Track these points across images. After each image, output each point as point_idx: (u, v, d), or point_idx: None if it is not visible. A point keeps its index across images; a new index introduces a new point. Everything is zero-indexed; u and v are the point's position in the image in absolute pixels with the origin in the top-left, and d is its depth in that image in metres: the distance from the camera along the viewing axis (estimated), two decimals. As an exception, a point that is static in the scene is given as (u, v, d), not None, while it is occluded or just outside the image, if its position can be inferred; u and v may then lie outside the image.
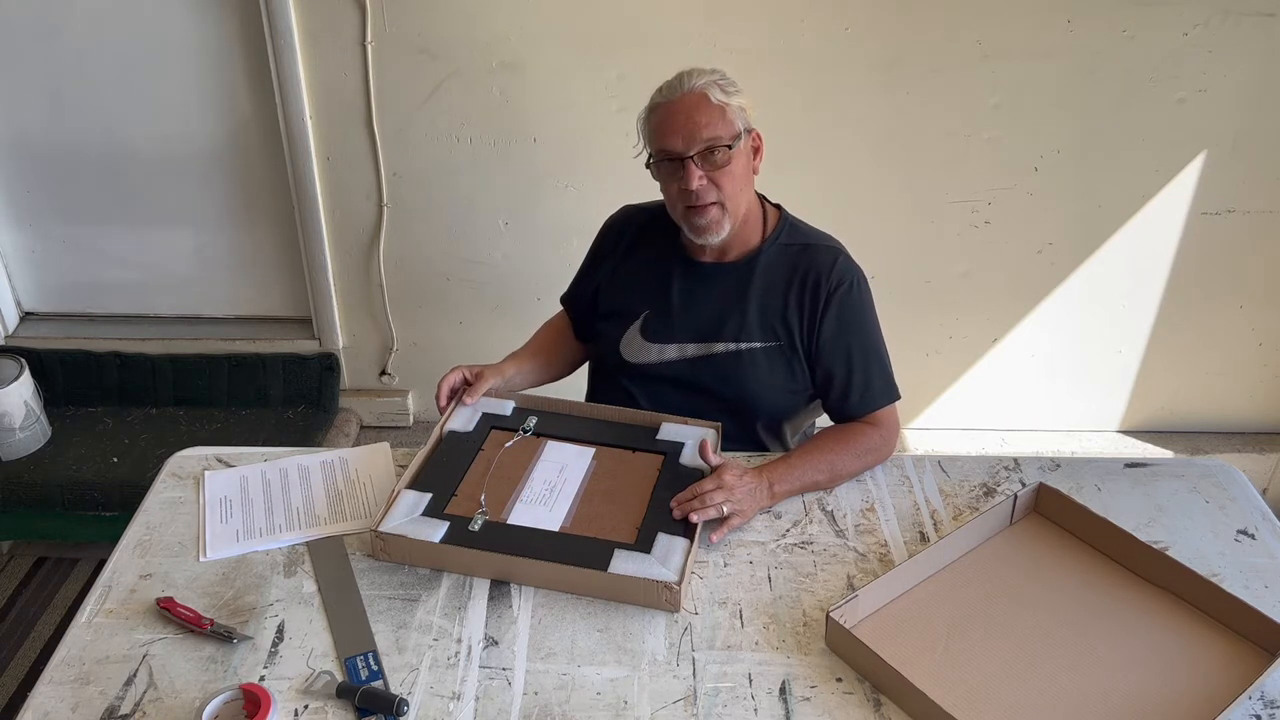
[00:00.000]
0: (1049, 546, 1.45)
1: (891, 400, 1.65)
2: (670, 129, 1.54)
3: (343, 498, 1.56)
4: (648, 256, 1.72)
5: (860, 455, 1.59)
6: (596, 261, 1.80)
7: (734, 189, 1.56)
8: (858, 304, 1.64)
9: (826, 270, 1.62)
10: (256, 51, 2.51)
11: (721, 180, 1.55)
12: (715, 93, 1.53)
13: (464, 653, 1.30)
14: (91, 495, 2.42)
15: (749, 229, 1.65)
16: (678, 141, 1.54)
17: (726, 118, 1.54)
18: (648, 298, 1.70)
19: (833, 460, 1.56)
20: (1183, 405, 2.91)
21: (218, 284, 2.87)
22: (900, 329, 2.75)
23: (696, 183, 1.53)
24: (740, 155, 1.56)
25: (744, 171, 1.58)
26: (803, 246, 1.66)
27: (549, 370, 1.83)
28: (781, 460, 1.54)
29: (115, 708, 1.22)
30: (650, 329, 1.69)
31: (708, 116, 1.53)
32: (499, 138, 2.56)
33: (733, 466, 1.48)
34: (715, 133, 1.53)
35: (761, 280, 1.64)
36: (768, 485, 1.50)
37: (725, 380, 1.66)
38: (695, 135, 1.53)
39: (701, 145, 1.53)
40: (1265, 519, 1.52)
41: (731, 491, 1.45)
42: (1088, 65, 2.41)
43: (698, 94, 1.53)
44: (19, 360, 2.54)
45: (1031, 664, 1.26)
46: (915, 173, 2.56)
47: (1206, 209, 2.58)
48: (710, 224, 1.58)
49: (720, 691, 1.24)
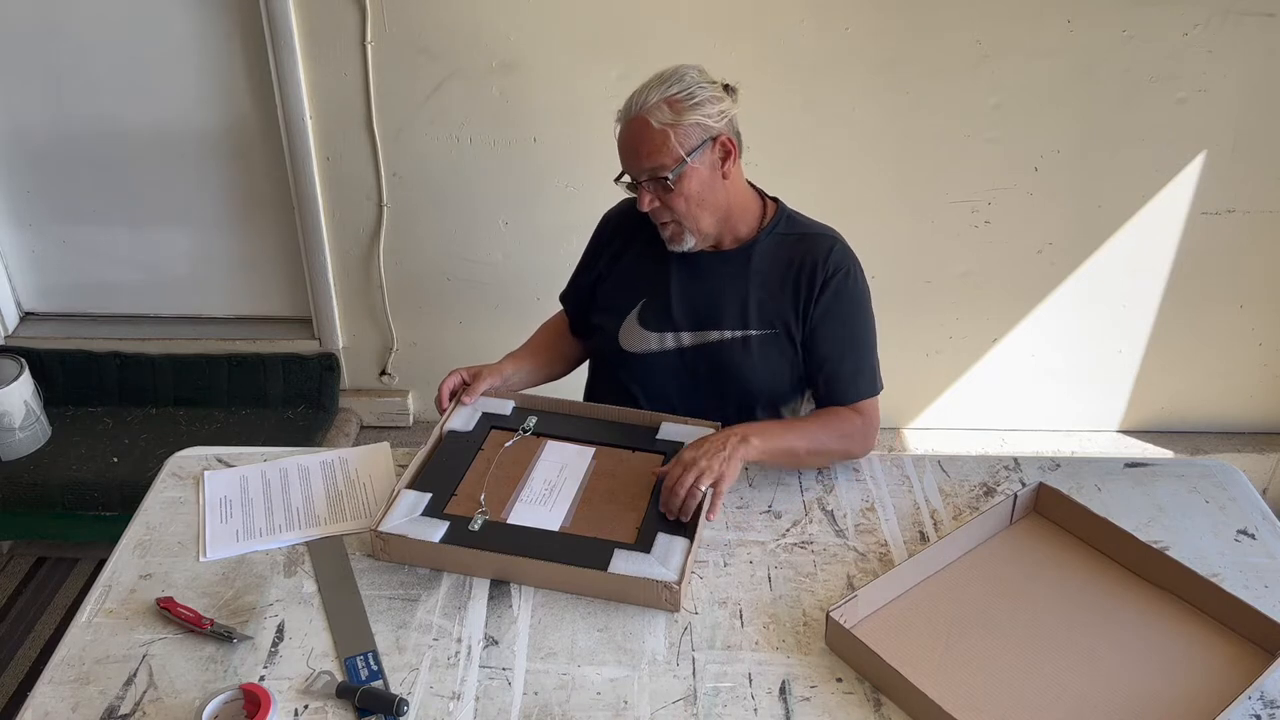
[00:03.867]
0: (1049, 546, 1.45)
1: (875, 392, 1.64)
2: (621, 151, 1.57)
3: (343, 498, 1.56)
4: (645, 247, 1.72)
5: (841, 438, 1.58)
6: (594, 255, 1.81)
7: (686, 208, 1.56)
8: (852, 292, 1.63)
9: (823, 258, 1.62)
10: (256, 51, 2.51)
11: (672, 202, 1.56)
12: (661, 115, 1.50)
13: (464, 653, 1.30)
14: (91, 495, 2.42)
15: (739, 223, 1.65)
16: (626, 165, 1.57)
17: (669, 145, 1.51)
18: (645, 287, 1.71)
19: (815, 432, 1.56)
20: (1183, 405, 2.91)
21: (218, 284, 2.87)
22: (900, 329, 2.77)
23: (647, 205, 1.57)
24: (693, 174, 1.54)
25: (701, 187, 1.56)
26: (800, 236, 1.66)
27: (548, 369, 1.83)
28: (762, 421, 1.55)
29: (115, 708, 1.22)
30: (648, 318, 1.69)
31: (649, 146, 1.52)
32: (499, 138, 2.56)
33: (690, 446, 1.48)
34: (657, 162, 1.52)
35: (758, 268, 1.65)
36: (739, 436, 1.48)
37: (723, 368, 1.66)
38: (639, 164, 1.54)
39: (645, 174, 1.55)
40: (1265, 519, 1.52)
41: (697, 464, 1.43)
42: (1088, 65, 2.41)
43: (641, 120, 1.52)
44: (19, 360, 2.54)
45: (1032, 664, 1.26)
46: (915, 173, 2.56)
47: (1206, 209, 2.58)
48: (672, 237, 1.62)
49: (720, 691, 1.24)
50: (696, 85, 1.53)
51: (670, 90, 1.52)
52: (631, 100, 1.54)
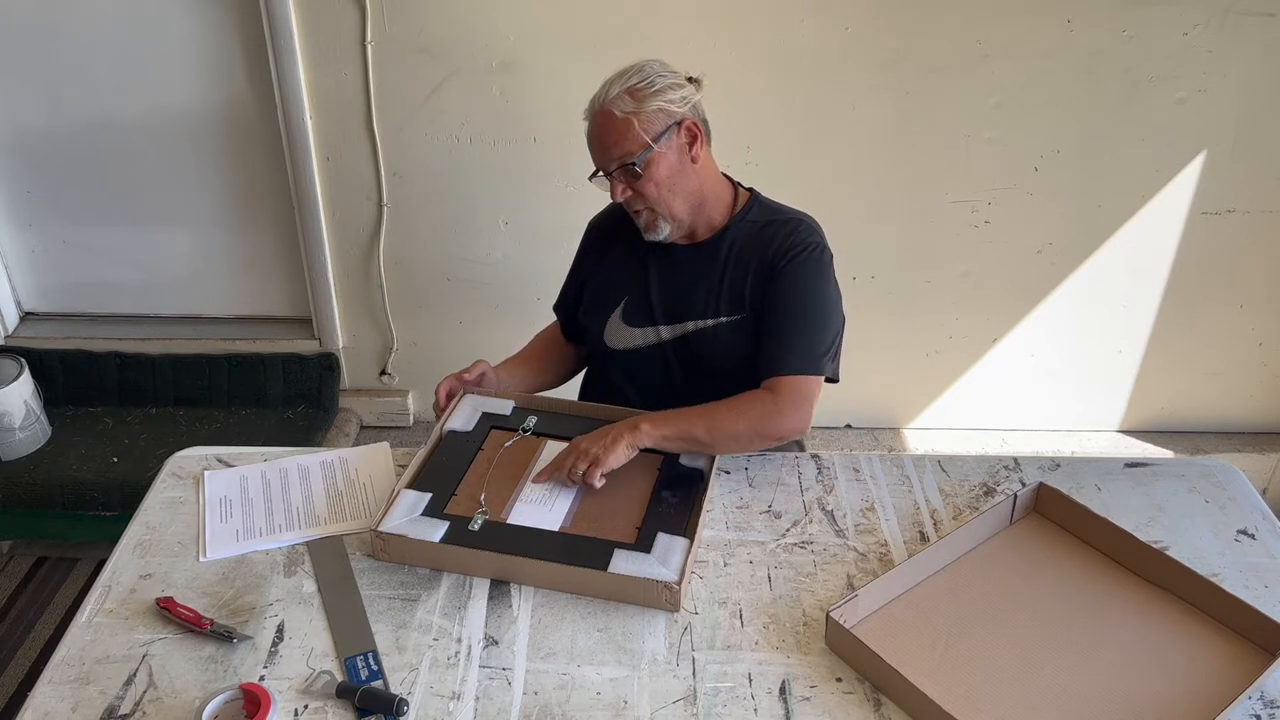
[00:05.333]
0: (1049, 546, 1.45)
1: (805, 372, 1.55)
2: (590, 147, 1.62)
3: (343, 498, 1.56)
4: (626, 246, 1.74)
5: (745, 416, 1.53)
6: (580, 261, 1.85)
7: (657, 193, 1.59)
8: (810, 269, 1.61)
9: (787, 236, 1.62)
10: (256, 51, 2.51)
11: (642, 189, 1.58)
12: (623, 104, 1.54)
13: (464, 652, 1.30)
14: (91, 495, 2.42)
15: (711, 211, 1.66)
16: (596, 159, 1.61)
17: (633, 131, 1.54)
18: (627, 285, 1.73)
19: (717, 415, 1.53)
20: (1183, 405, 2.91)
21: (218, 284, 2.87)
22: (900, 329, 2.77)
23: (619, 195, 1.60)
24: (660, 159, 1.56)
25: (670, 172, 1.58)
26: (769, 221, 1.66)
27: (540, 377, 1.84)
28: (667, 410, 1.56)
29: (115, 708, 1.23)
30: (630, 314, 1.71)
31: (615, 135, 1.55)
32: (499, 138, 2.56)
33: (588, 433, 1.54)
34: (624, 150, 1.55)
35: (729, 256, 1.65)
36: (631, 424, 1.52)
37: (699, 357, 1.67)
38: (607, 154, 1.58)
39: (614, 164, 1.57)
40: (1265, 519, 1.52)
41: (578, 448, 1.51)
42: (1088, 65, 2.41)
43: (605, 112, 1.56)
44: (19, 360, 2.54)
45: (1031, 664, 1.26)
46: (915, 172, 2.56)
47: (1206, 209, 2.58)
48: (647, 225, 1.64)
49: (720, 691, 1.24)
50: (656, 75, 1.57)
51: (630, 81, 1.56)
52: (595, 97, 1.59)
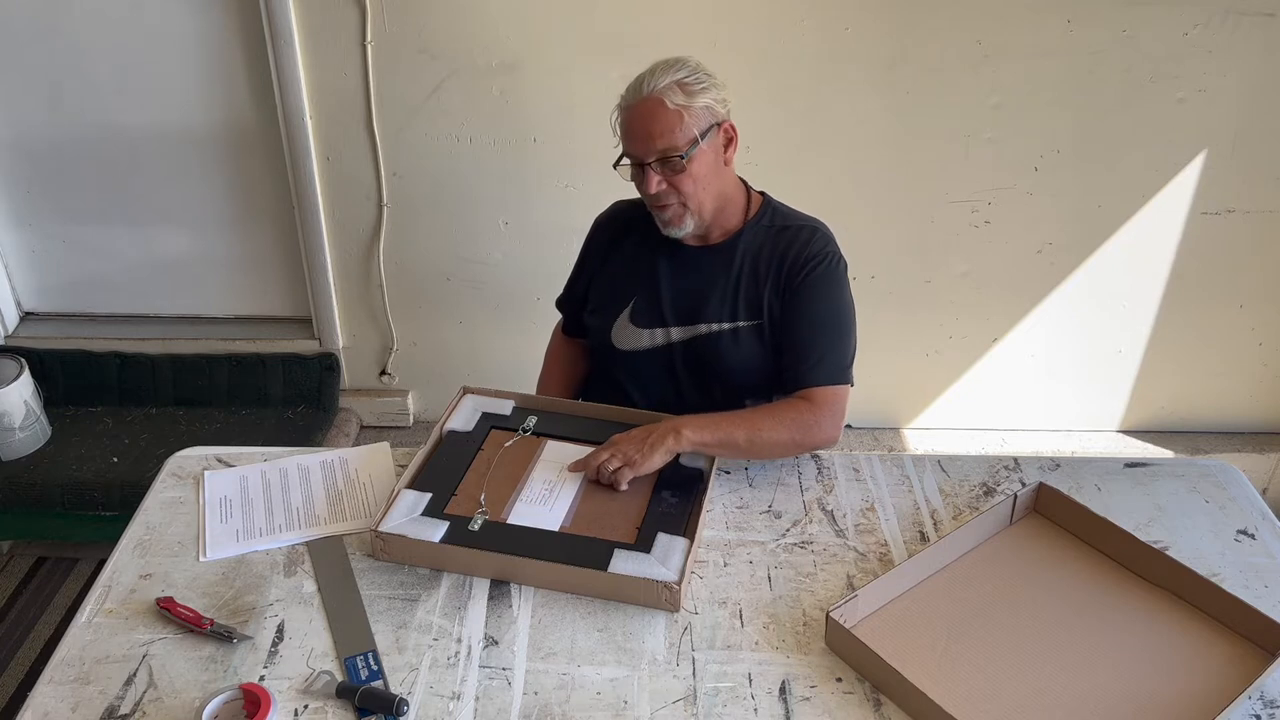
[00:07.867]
0: (1049, 546, 1.45)
1: (836, 382, 1.60)
2: (629, 134, 1.57)
3: (343, 498, 1.56)
4: (635, 245, 1.74)
5: (786, 425, 1.55)
6: (586, 259, 1.83)
7: (693, 189, 1.58)
8: (829, 280, 1.63)
9: (803, 246, 1.63)
10: (256, 51, 2.51)
11: (680, 183, 1.57)
12: (675, 96, 1.52)
13: (464, 652, 1.30)
14: (91, 495, 2.42)
15: (728, 214, 1.67)
16: (636, 147, 1.56)
17: (684, 124, 1.53)
18: (636, 285, 1.72)
19: (758, 421, 1.55)
20: (1183, 405, 2.91)
21: (218, 284, 2.87)
22: (900, 329, 2.77)
23: (655, 187, 1.57)
24: (701, 156, 1.56)
25: (707, 170, 1.58)
26: (783, 227, 1.67)
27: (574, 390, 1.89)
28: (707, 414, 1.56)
29: (115, 708, 1.23)
30: (639, 315, 1.71)
31: (663, 125, 1.53)
32: (499, 138, 2.56)
33: (627, 432, 1.54)
34: (670, 142, 1.53)
35: (743, 261, 1.65)
36: (672, 428, 1.51)
37: (711, 361, 1.67)
38: (651, 144, 1.54)
39: (656, 155, 1.55)
40: (1265, 519, 1.52)
41: (616, 446, 1.51)
42: (1088, 65, 2.40)
43: (654, 100, 1.53)
44: (19, 360, 2.54)
45: (1031, 664, 1.26)
46: (915, 173, 2.56)
47: (1206, 209, 2.58)
48: (672, 219, 1.62)
49: (720, 691, 1.25)
50: (702, 72, 1.57)
51: (679, 74, 1.54)
52: (640, 83, 1.55)
